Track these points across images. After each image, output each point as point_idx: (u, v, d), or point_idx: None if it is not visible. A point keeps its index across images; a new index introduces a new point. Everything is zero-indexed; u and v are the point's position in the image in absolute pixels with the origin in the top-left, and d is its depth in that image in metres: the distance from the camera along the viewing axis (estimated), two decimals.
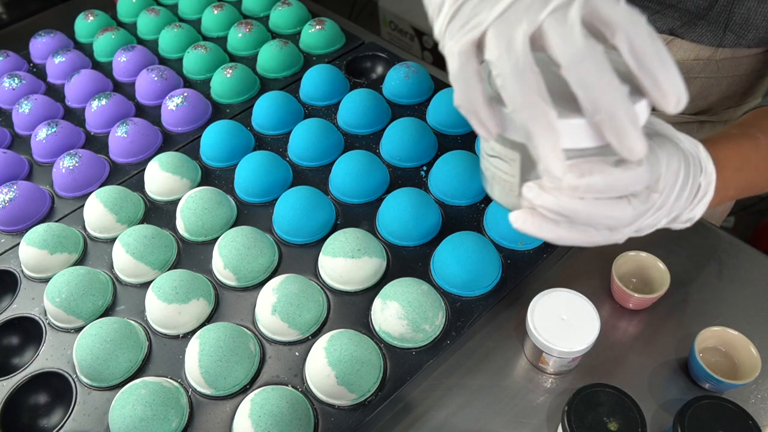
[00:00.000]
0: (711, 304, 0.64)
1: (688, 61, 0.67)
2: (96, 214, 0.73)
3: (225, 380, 0.57)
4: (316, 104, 0.89)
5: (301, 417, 0.54)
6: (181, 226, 0.73)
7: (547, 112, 0.29)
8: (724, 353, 0.58)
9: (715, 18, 0.60)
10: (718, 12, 0.60)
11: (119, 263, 0.68)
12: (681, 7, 0.62)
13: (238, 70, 0.91)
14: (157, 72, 0.92)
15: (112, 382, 0.60)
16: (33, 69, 1.05)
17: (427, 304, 0.59)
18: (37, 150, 0.86)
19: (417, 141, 0.77)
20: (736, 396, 0.56)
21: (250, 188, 0.76)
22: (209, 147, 0.81)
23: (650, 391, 0.58)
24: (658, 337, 0.62)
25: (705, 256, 0.68)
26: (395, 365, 0.59)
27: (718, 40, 0.63)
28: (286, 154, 0.82)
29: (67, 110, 0.95)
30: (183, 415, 0.57)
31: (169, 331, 0.63)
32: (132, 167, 0.83)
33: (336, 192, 0.76)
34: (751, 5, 0.58)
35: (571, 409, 0.50)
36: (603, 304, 0.65)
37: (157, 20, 1.06)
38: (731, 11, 0.59)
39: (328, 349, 0.56)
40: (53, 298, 0.64)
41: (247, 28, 1.00)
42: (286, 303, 0.60)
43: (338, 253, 0.64)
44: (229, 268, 0.66)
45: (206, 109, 0.90)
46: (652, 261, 0.63)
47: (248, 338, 0.60)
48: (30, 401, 0.61)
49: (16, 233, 0.76)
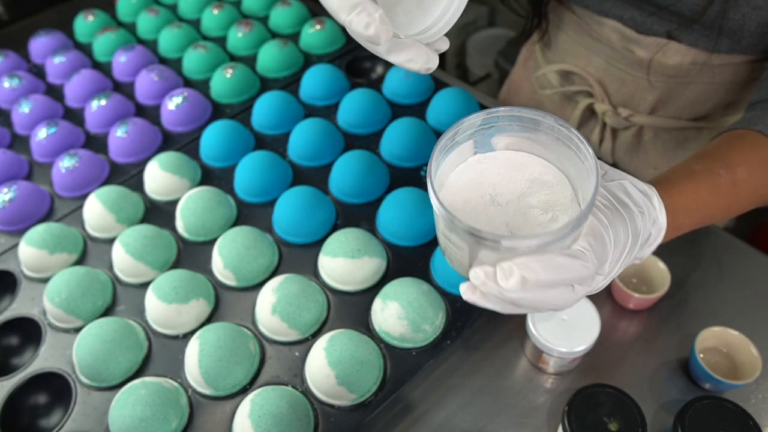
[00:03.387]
0: (711, 305, 0.64)
1: (685, 65, 0.67)
2: (96, 214, 0.73)
3: (225, 380, 0.57)
4: (316, 104, 0.89)
5: (301, 417, 0.54)
6: (181, 226, 0.73)
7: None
8: (725, 353, 0.58)
9: (710, 23, 0.61)
10: (711, 17, 0.60)
11: (119, 263, 0.68)
12: (675, 11, 0.62)
13: (238, 69, 0.91)
14: (157, 72, 0.92)
15: (111, 383, 0.60)
16: (33, 69, 1.05)
17: (427, 304, 0.59)
18: (36, 150, 0.86)
19: (417, 141, 0.77)
20: (736, 396, 0.56)
21: (250, 188, 0.76)
22: (209, 147, 0.81)
23: (650, 391, 0.58)
24: (659, 338, 0.62)
25: (705, 256, 0.68)
26: (395, 365, 0.59)
27: (712, 44, 0.63)
28: (286, 153, 0.82)
29: (67, 110, 0.95)
30: (183, 415, 0.57)
31: (169, 331, 0.63)
32: (132, 167, 0.83)
33: (336, 192, 0.76)
34: (746, 11, 0.58)
35: (571, 409, 0.50)
36: (603, 305, 0.65)
37: (157, 20, 1.06)
38: (725, 17, 0.59)
39: (328, 349, 0.56)
40: (53, 298, 0.64)
41: (247, 28, 1.00)
42: (286, 303, 0.60)
43: (338, 253, 0.64)
44: (229, 268, 0.66)
45: (206, 108, 0.90)
46: (652, 261, 0.63)
47: (248, 338, 0.60)
48: (30, 401, 0.61)
49: (16, 233, 0.76)
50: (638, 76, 0.72)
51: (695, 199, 0.45)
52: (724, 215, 0.49)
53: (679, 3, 0.61)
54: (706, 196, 0.45)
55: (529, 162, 0.39)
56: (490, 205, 0.37)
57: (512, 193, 0.37)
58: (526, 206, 0.36)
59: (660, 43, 0.66)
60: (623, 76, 0.73)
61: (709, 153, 0.49)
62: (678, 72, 0.68)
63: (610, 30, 0.70)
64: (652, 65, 0.69)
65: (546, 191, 0.37)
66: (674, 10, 0.62)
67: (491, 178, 0.38)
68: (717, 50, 0.64)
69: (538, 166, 0.38)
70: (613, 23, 0.69)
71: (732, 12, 0.58)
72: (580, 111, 0.81)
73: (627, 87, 0.74)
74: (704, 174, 0.46)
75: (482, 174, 0.38)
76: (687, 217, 0.44)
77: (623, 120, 0.77)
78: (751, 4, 0.57)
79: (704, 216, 0.46)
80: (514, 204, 0.37)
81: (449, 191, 0.38)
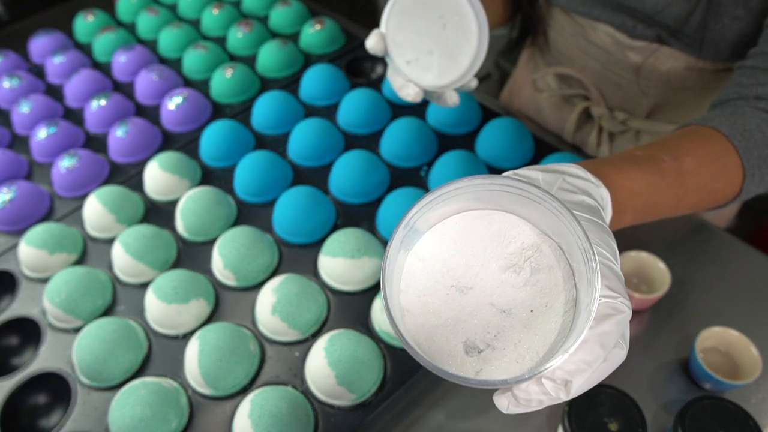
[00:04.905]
0: (711, 305, 0.64)
1: (679, 70, 0.67)
2: (95, 214, 0.73)
3: (225, 380, 0.57)
4: (316, 104, 0.89)
5: (301, 417, 0.54)
6: (181, 225, 0.73)
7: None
8: (725, 353, 0.58)
9: (691, 33, 0.61)
10: (694, 26, 0.60)
11: (119, 263, 0.68)
12: (659, 20, 0.62)
13: (238, 69, 0.91)
14: (157, 72, 0.92)
15: (111, 383, 0.60)
16: (33, 69, 1.05)
17: None
18: (36, 150, 0.86)
19: (417, 141, 0.77)
20: (736, 396, 0.56)
21: (250, 188, 0.76)
22: (209, 146, 0.81)
23: (650, 391, 0.58)
24: (659, 338, 0.62)
25: (705, 257, 0.68)
26: (395, 365, 0.59)
27: (697, 52, 0.63)
28: (286, 153, 0.82)
29: (67, 110, 0.95)
30: (183, 415, 0.57)
31: (169, 331, 0.63)
32: (132, 167, 0.83)
33: (336, 192, 0.75)
34: (726, 22, 0.58)
35: (571, 409, 0.50)
36: None
37: (157, 20, 1.06)
38: (706, 27, 0.60)
39: (328, 349, 0.56)
40: (53, 298, 0.64)
41: (247, 28, 1.00)
42: (286, 303, 0.60)
43: (338, 253, 0.64)
44: (229, 268, 0.66)
45: (206, 108, 0.90)
46: (652, 261, 0.63)
47: (248, 338, 0.60)
48: (30, 401, 0.61)
49: (16, 233, 0.76)
50: (633, 80, 0.72)
51: (638, 179, 0.42)
52: (673, 207, 0.46)
53: (662, 13, 0.62)
54: (650, 179, 0.43)
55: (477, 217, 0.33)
56: (462, 294, 0.31)
57: (478, 263, 0.31)
58: (500, 270, 0.31)
59: (652, 48, 0.67)
60: (618, 81, 0.74)
61: (655, 143, 0.48)
62: (671, 77, 0.68)
63: (604, 35, 0.70)
64: (645, 71, 0.69)
65: (510, 239, 0.32)
66: (659, 19, 0.62)
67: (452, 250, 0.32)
68: (703, 57, 0.64)
69: (486, 216, 0.33)
70: (606, 28, 0.69)
71: (713, 22, 0.59)
72: (576, 114, 0.81)
73: (622, 91, 0.75)
74: (647, 159, 0.44)
75: (432, 273, 0.32)
76: (630, 198, 0.41)
77: (619, 124, 0.77)
78: (731, 15, 0.58)
79: (649, 202, 0.43)
80: (487, 277, 0.31)
81: (410, 318, 0.32)
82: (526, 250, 0.32)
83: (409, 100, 0.56)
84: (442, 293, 0.31)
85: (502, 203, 0.32)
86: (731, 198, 0.50)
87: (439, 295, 0.32)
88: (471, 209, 0.33)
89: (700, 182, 0.46)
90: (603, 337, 0.29)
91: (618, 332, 0.30)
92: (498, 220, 0.33)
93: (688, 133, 0.49)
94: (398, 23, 0.54)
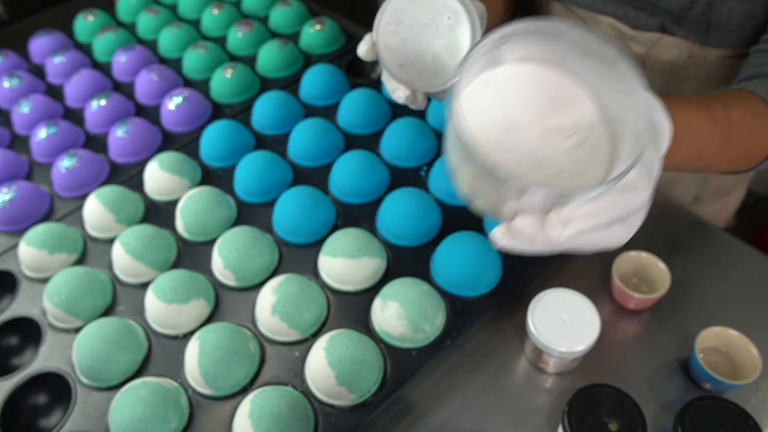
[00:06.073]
0: (711, 304, 0.64)
1: (683, 59, 0.67)
2: (95, 214, 0.73)
3: (225, 380, 0.57)
4: (316, 104, 0.89)
5: (301, 417, 0.54)
6: (181, 226, 0.73)
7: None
8: (725, 353, 0.58)
9: (697, 18, 0.61)
10: (699, 11, 0.60)
11: (119, 263, 0.68)
12: (663, 7, 0.62)
13: (238, 69, 0.91)
14: (156, 72, 0.92)
15: (111, 383, 0.60)
16: (33, 69, 1.05)
17: (427, 304, 0.59)
18: (36, 150, 0.86)
19: (417, 141, 0.77)
20: (736, 396, 0.56)
21: (250, 188, 0.76)
22: (209, 146, 0.81)
23: (650, 391, 0.58)
24: (659, 337, 0.62)
25: (705, 256, 0.68)
26: (395, 365, 0.59)
27: (702, 38, 0.63)
28: (286, 153, 0.82)
29: (67, 110, 0.95)
30: (183, 415, 0.57)
31: (169, 331, 0.63)
32: (132, 167, 0.83)
33: (336, 192, 0.75)
34: (733, 5, 0.58)
35: (571, 409, 0.50)
36: (603, 304, 0.65)
37: (157, 20, 1.06)
38: (712, 11, 0.59)
39: (328, 349, 0.56)
40: (53, 298, 0.64)
41: (247, 28, 1.00)
42: (286, 303, 0.60)
43: (338, 253, 0.64)
44: (229, 268, 0.66)
45: (206, 108, 0.90)
46: (652, 261, 0.63)
47: (248, 338, 0.60)
48: (30, 401, 0.61)
49: (16, 233, 0.76)
50: None
51: (696, 121, 0.42)
52: (717, 157, 0.47)
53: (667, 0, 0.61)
54: (705, 122, 0.44)
55: (543, 75, 0.34)
56: (507, 134, 0.33)
57: (529, 115, 0.33)
58: (548, 130, 0.33)
59: (654, 39, 0.66)
60: None
61: (704, 96, 0.49)
62: (675, 67, 0.68)
63: (606, 26, 0.70)
64: (648, 62, 0.69)
65: (568, 110, 0.33)
66: (662, 6, 0.62)
67: (503, 101, 0.34)
68: (708, 44, 0.64)
69: (553, 79, 0.34)
70: (609, 20, 0.69)
71: (719, 5, 0.59)
72: None
73: None
74: (703, 104, 0.45)
75: (493, 97, 0.34)
76: (687, 136, 0.41)
77: None
78: None
79: (701, 146, 0.44)
80: (533, 128, 0.33)
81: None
82: (582, 124, 0.33)
83: (402, 102, 0.56)
84: (492, 124, 0.33)
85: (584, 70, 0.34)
86: (761, 161, 0.51)
87: (488, 127, 0.33)
88: (551, 61, 0.34)
89: (742, 136, 0.48)
90: (620, 199, 0.30)
91: (632, 206, 0.31)
92: (569, 87, 0.34)
93: (730, 93, 0.50)
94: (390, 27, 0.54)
